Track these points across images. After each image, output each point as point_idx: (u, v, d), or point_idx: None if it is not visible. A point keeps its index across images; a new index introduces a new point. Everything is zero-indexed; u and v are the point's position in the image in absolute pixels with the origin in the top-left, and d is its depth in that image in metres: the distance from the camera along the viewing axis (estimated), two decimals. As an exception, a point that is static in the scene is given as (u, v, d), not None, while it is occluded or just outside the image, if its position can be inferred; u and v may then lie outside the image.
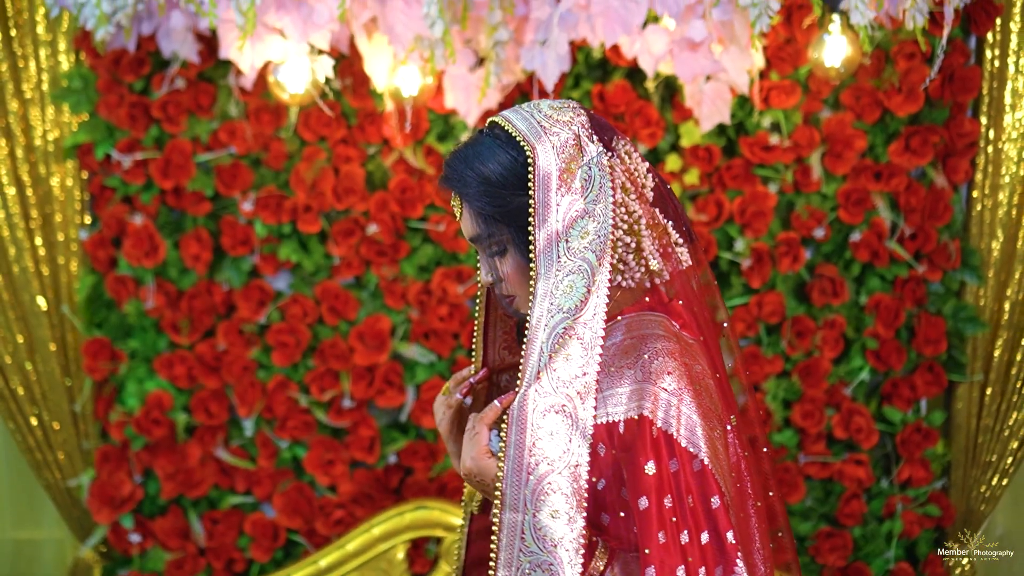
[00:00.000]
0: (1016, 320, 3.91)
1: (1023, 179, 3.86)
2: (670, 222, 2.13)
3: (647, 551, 1.93)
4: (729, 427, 2.10)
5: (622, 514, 1.98)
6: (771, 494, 2.22)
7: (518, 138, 2.04)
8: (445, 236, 3.91)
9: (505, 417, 1.96)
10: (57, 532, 4.18)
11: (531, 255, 2.00)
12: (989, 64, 3.85)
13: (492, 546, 1.93)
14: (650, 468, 1.94)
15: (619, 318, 2.09)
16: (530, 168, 2.01)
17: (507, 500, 1.92)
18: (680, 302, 2.14)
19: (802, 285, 3.95)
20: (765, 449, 2.21)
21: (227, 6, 3.31)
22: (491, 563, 1.93)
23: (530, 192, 2.01)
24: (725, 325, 2.23)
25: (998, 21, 3.79)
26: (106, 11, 3.37)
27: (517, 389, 1.96)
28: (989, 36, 3.83)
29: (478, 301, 2.29)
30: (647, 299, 2.12)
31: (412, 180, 3.89)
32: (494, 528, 1.93)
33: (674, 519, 1.94)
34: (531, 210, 2.01)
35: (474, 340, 2.30)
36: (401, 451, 3.99)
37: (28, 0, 3.83)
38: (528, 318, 1.98)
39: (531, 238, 2.00)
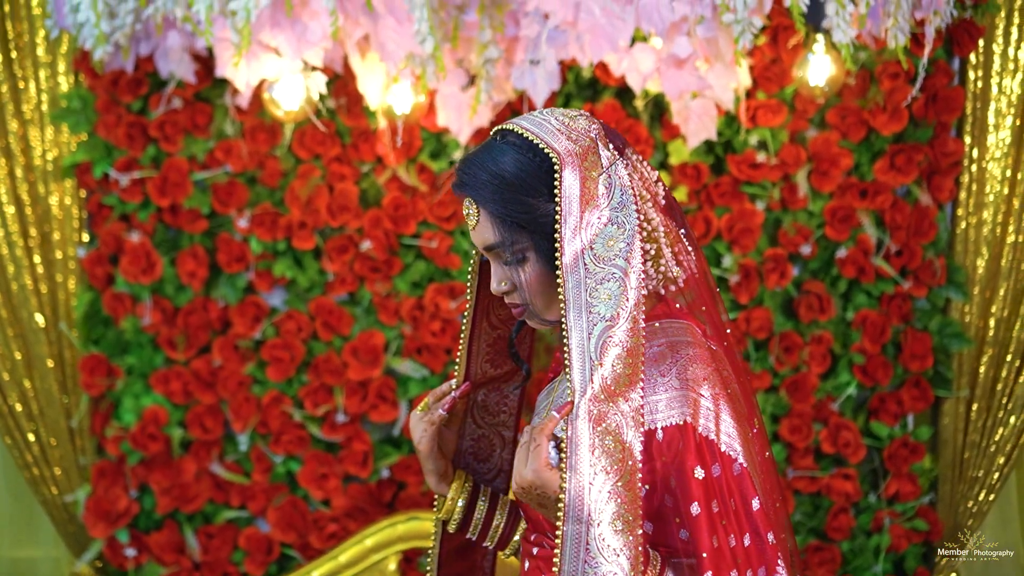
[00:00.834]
0: (1001, 336, 3.96)
1: (1007, 198, 3.92)
2: (682, 229, 2.14)
3: (704, 555, 1.94)
4: (755, 430, 2.13)
5: (677, 520, 1.98)
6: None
7: (539, 143, 2.01)
8: (438, 252, 3.97)
9: (563, 428, 1.92)
10: (54, 551, 4.21)
11: (557, 262, 1.97)
12: (972, 85, 3.91)
13: (555, 560, 1.90)
14: (699, 473, 1.96)
15: (656, 324, 2.08)
16: (556, 174, 1.99)
17: (571, 512, 1.88)
18: (704, 308, 2.15)
19: (789, 301, 4.01)
20: (768, 454, 2.23)
21: (223, 25, 3.37)
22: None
23: (555, 198, 1.98)
24: (729, 331, 2.25)
25: (981, 43, 3.86)
26: (104, 31, 3.44)
27: (571, 399, 1.93)
28: (972, 57, 3.89)
29: (465, 313, 2.28)
30: (677, 305, 2.12)
31: (405, 197, 3.95)
32: (557, 541, 1.89)
33: (724, 522, 1.96)
34: (557, 216, 1.98)
35: (459, 353, 2.29)
36: (394, 465, 4.03)
37: (28, 23, 3.90)
38: (565, 329, 1.95)
39: (557, 245, 1.97)
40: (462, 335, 2.29)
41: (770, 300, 3.97)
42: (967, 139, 3.94)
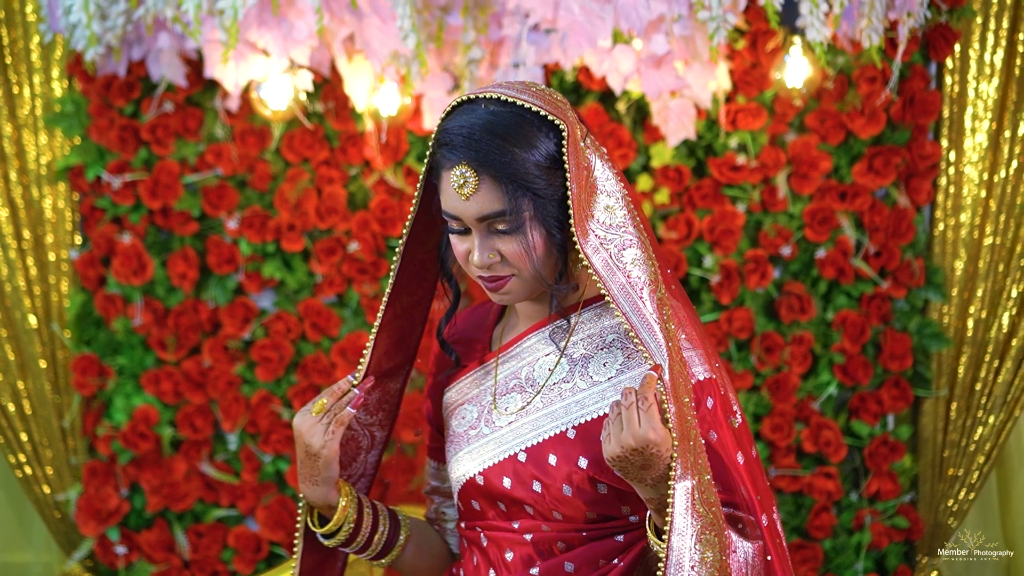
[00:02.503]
0: (980, 337, 4.01)
1: (984, 201, 3.98)
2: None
3: (758, 498, 2.01)
4: None
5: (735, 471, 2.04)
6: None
7: (534, 108, 1.98)
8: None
9: (661, 388, 1.90)
10: (45, 555, 4.25)
11: (572, 228, 1.96)
12: (949, 89, 3.98)
13: (667, 517, 1.88)
14: (733, 423, 2.04)
15: None
16: (564, 139, 1.97)
17: (679, 469, 1.88)
18: (669, 271, 2.17)
19: (770, 302, 4.06)
20: None
21: (212, 26, 3.44)
22: (664, 534, 1.89)
23: (564, 164, 1.97)
24: None
25: (957, 47, 3.93)
26: (96, 32, 3.51)
27: (650, 360, 1.92)
28: (949, 62, 3.96)
29: (383, 304, 2.18)
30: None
31: (392, 200, 4.02)
32: (669, 500, 1.87)
33: (754, 468, 2.04)
34: (568, 183, 1.96)
35: (367, 345, 2.18)
36: (381, 465, 4.07)
37: (23, 29, 3.98)
38: (612, 300, 1.95)
39: (571, 212, 1.95)
40: (375, 327, 2.19)
41: (751, 301, 4.03)
42: (944, 142, 4.00)
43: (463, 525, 2.27)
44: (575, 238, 1.96)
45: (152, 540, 4.08)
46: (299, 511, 2.21)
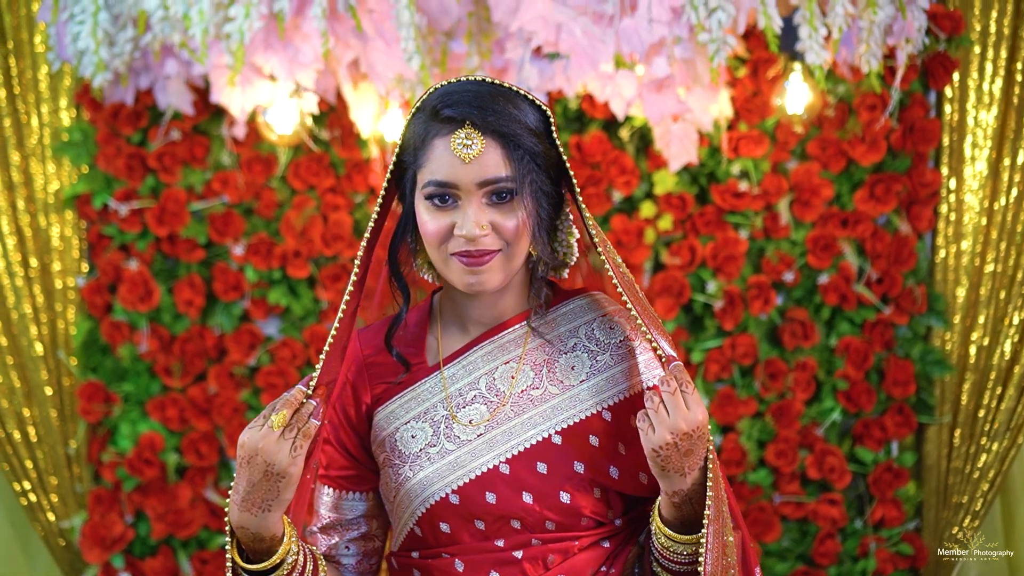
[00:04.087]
0: (982, 364, 4.02)
1: (985, 228, 4.01)
2: None
3: (731, 488, 2.08)
4: None
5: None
6: None
7: (529, 95, 2.00)
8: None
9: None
10: (49, 579, 4.28)
11: (582, 203, 1.98)
12: (949, 117, 4.01)
13: (708, 501, 1.90)
14: None
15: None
16: (550, 119, 1.99)
17: (713, 451, 1.93)
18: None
19: (773, 328, 4.08)
20: None
21: (219, 50, 3.48)
22: (705, 516, 1.90)
23: (558, 145, 1.99)
24: None
25: (956, 76, 3.96)
26: (104, 58, 3.55)
27: (662, 353, 1.94)
28: (948, 90, 4.00)
29: (343, 306, 2.04)
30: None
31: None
32: (709, 484, 1.90)
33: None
34: (568, 164, 1.99)
35: (326, 351, 2.01)
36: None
37: (31, 59, 4.02)
38: (619, 287, 1.96)
39: (578, 190, 1.99)
40: (333, 330, 2.04)
41: (755, 327, 4.04)
42: (944, 170, 4.02)
43: (415, 555, 2.12)
44: (584, 211, 1.99)
45: (157, 567, 4.08)
46: (227, 546, 1.95)
